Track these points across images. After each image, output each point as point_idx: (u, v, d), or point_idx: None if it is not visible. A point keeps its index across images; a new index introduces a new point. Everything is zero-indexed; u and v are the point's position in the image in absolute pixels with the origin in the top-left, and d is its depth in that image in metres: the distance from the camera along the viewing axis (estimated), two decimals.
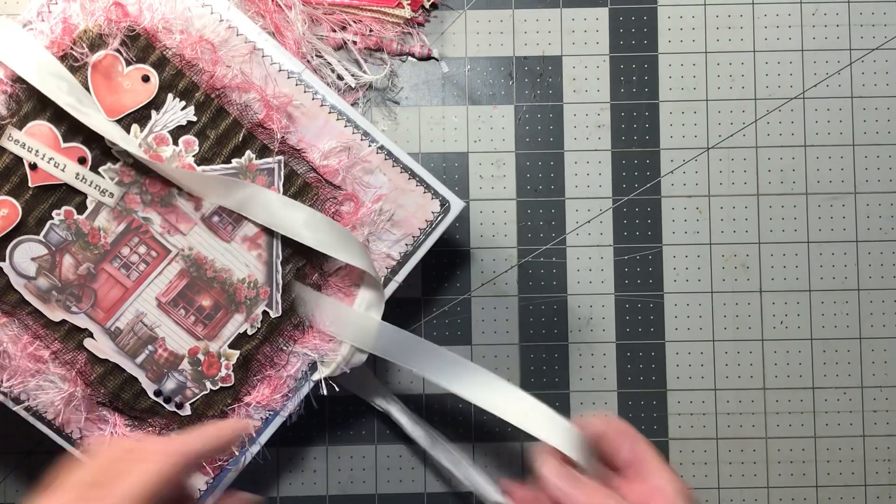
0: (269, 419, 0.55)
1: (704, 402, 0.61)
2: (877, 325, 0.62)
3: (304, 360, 0.55)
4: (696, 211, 0.62)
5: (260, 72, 0.54)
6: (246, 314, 0.54)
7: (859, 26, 0.62)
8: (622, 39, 0.62)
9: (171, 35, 0.52)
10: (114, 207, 0.53)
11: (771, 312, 0.62)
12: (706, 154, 0.62)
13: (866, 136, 0.62)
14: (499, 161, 0.62)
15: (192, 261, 0.54)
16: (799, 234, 0.62)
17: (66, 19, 0.51)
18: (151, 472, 0.40)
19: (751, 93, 0.62)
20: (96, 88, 0.52)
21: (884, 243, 0.62)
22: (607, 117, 0.62)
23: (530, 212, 0.61)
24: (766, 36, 0.62)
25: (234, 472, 0.55)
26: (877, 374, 0.61)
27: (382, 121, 0.61)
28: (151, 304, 0.54)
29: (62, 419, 0.53)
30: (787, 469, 0.61)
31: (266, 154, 0.54)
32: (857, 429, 0.61)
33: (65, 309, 0.53)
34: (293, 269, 0.55)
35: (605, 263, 0.61)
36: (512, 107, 0.62)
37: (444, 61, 0.62)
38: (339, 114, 0.55)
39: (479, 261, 0.61)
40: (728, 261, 0.62)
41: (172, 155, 0.53)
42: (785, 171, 0.62)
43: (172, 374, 0.54)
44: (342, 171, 0.55)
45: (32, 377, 0.53)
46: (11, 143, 0.51)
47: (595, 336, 0.61)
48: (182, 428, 0.55)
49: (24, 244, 0.53)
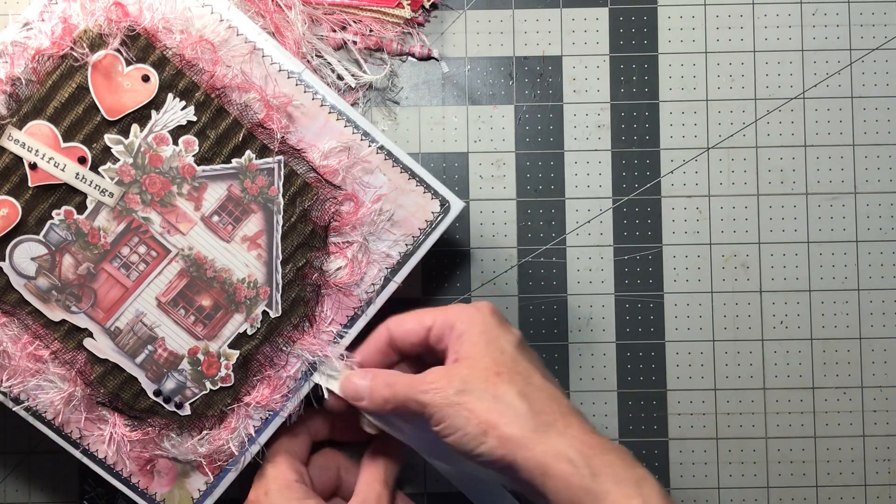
0: (269, 419, 0.55)
1: (704, 402, 0.61)
2: (877, 325, 0.62)
3: (303, 360, 0.55)
4: (696, 211, 0.62)
5: (260, 72, 0.54)
6: (246, 314, 0.54)
7: (859, 26, 0.62)
8: (622, 39, 0.62)
9: (172, 35, 0.52)
10: (114, 207, 0.53)
11: (771, 312, 0.62)
12: (706, 154, 0.62)
13: (866, 136, 0.62)
14: (499, 161, 0.62)
15: (192, 260, 0.54)
16: (799, 234, 0.62)
17: (66, 19, 0.51)
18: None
19: (751, 93, 0.62)
20: (96, 88, 0.52)
21: (884, 243, 0.62)
22: (607, 117, 0.62)
23: (530, 212, 0.61)
24: (766, 36, 0.62)
25: (234, 472, 0.55)
26: (877, 374, 0.61)
27: (382, 121, 0.61)
28: (151, 304, 0.54)
29: (62, 419, 0.53)
30: (787, 469, 0.61)
31: (266, 154, 0.54)
32: (857, 429, 0.61)
33: (65, 309, 0.53)
34: (293, 269, 0.55)
35: (605, 263, 0.61)
36: (512, 107, 0.62)
37: (444, 61, 0.62)
38: (339, 114, 0.55)
39: (479, 261, 0.61)
40: (728, 261, 0.62)
41: (172, 155, 0.53)
42: (785, 171, 0.62)
43: (172, 374, 0.54)
44: (342, 171, 0.55)
45: (32, 377, 0.53)
46: (11, 142, 0.51)
47: (595, 336, 0.61)
48: (182, 428, 0.55)
49: (24, 244, 0.53)
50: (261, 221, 0.54)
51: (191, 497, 0.55)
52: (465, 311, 0.52)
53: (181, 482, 0.55)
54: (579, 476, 0.45)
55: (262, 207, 0.54)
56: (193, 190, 0.53)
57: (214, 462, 0.55)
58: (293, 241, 0.54)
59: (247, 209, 0.54)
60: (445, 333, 0.52)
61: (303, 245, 0.55)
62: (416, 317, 0.53)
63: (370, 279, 0.56)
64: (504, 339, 0.50)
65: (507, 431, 0.46)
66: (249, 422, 0.55)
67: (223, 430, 0.55)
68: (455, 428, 0.48)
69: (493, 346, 0.50)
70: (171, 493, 0.55)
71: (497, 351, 0.50)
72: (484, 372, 0.48)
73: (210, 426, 0.55)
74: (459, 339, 0.51)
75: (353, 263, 0.55)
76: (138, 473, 0.55)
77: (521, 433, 0.46)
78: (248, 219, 0.54)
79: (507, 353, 0.50)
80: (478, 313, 0.51)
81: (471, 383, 0.48)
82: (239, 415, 0.55)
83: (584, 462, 0.45)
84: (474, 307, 0.52)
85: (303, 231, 0.54)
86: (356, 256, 0.55)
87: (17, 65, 0.51)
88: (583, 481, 0.45)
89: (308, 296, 0.55)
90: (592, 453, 0.46)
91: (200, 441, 0.54)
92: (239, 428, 0.55)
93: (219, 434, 0.55)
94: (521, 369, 0.49)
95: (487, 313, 0.51)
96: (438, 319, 0.52)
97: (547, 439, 0.46)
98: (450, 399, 0.48)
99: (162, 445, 0.54)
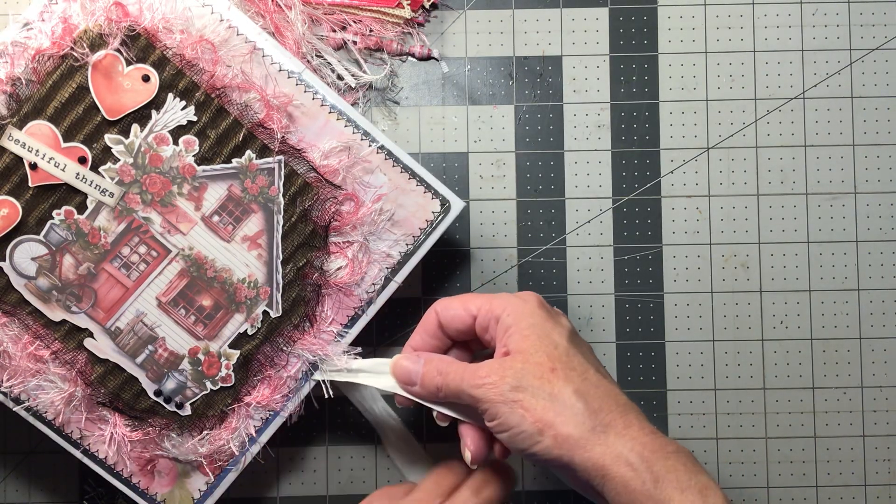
0: (269, 419, 0.55)
1: (704, 402, 0.61)
2: (877, 325, 0.62)
3: (304, 360, 0.55)
4: (696, 211, 0.62)
5: (260, 72, 0.54)
6: (246, 314, 0.54)
7: (859, 26, 0.62)
8: (622, 39, 0.62)
9: (172, 35, 0.52)
10: (114, 207, 0.53)
11: (771, 312, 0.62)
12: (706, 154, 0.62)
13: (866, 136, 0.62)
14: (499, 161, 0.62)
15: (193, 260, 0.54)
16: (799, 234, 0.62)
17: (66, 19, 0.51)
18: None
19: (751, 93, 0.62)
20: (96, 88, 0.52)
21: (884, 243, 0.62)
22: (607, 117, 0.62)
23: (530, 212, 0.61)
24: (766, 36, 0.62)
25: (235, 472, 0.55)
26: (877, 374, 0.61)
27: (382, 121, 0.61)
28: (152, 304, 0.54)
29: (62, 419, 0.53)
30: (787, 469, 0.61)
31: (266, 154, 0.54)
32: (857, 429, 0.61)
33: (65, 309, 0.53)
34: (294, 269, 0.55)
35: (605, 263, 0.61)
36: (512, 107, 0.62)
37: (444, 61, 0.62)
38: (339, 114, 0.55)
39: (479, 261, 0.61)
40: (728, 261, 0.62)
41: (173, 154, 0.53)
42: (785, 171, 0.62)
43: (172, 374, 0.54)
44: (342, 170, 0.55)
45: (32, 377, 0.53)
46: (12, 142, 0.51)
47: (595, 336, 0.61)
48: (182, 428, 0.55)
49: (24, 244, 0.53)
50: (261, 221, 0.54)
51: (191, 497, 0.55)
52: (511, 301, 0.50)
53: (182, 482, 0.55)
54: (640, 481, 0.44)
55: (263, 207, 0.54)
56: (194, 190, 0.53)
57: (215, 462, 0.55)
58: (294, 240, 0.54)
59: (247, 209, 0.54)
60: (490, 324, 0.50)
61: (303, 245, 0.55)
62: (462, 301, 0.51)
63: (371, 279, 0.56)
64: (556, 332, 0.49)
65: (564, 431, 0.45)
66: (250, 422, 0.55)
67: (224, 430, 0.55)
68: (509, 425, 0.46)
69: (546, 341, 0.48)
70: (172, 494, 0.55)
71: (550, 345, 0.48)
72: (538, 368, 0.47)
73: (210, 426, 0.55)
74: (507, 332, 0.49)
75: (353, 263, 0.55)
76: (139, 473, 0.55)
77: (578, 433, 0.45)
78: (248, 219, 0.54)
79: (560, 347, 0.48)
80: (525, 305, 0.49)
81: (525, 380, 0.47)
82: (239, 415, 0.55)
83: (646, 466, 0.44)
84: (520, 298, 0.50)
85: (303, 231, 0.54)
86: (356, 256, 0.55)
87: (17, 65, 0.51)
88: (644, 486, 0.44)
89: (308, 296, 0.55)
90: (654, 457, 0.45)
91: (201, 441, 0.54)
92: (240, 428, 0.55)
93: (219, 434, 0.55)
94: (576, 364, 0.48)
95: (535, 305, 0.50)
96: (483, 308, 0.50)
97: (605, 440, 0.45)
98: (504, 396, 0.46)
99: (162, 445, 0.54)
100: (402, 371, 0.51)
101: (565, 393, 0.46)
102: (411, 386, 0.51)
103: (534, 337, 0.48)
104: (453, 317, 0.51)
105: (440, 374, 0.50)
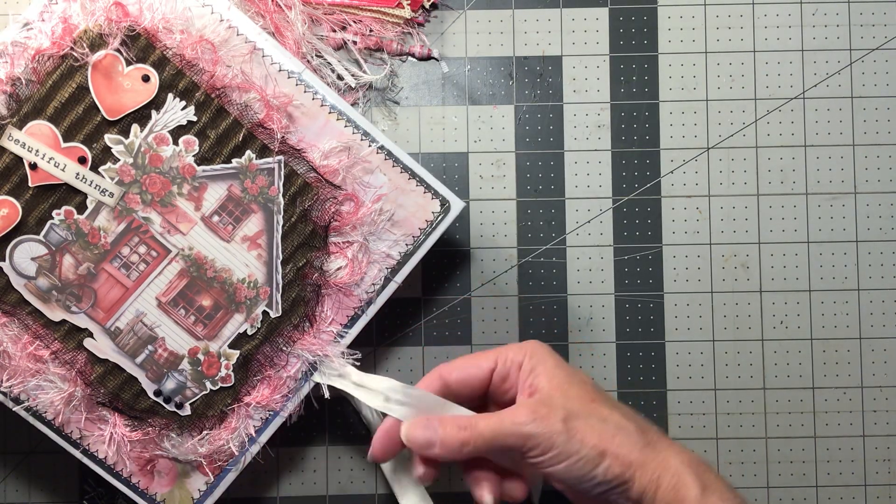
0: (269, 419, 0.55)
1: (704, 402, 0.61)
2: (877, 325, 0.62)
3: (304, 360, 0.55)
4: (696, 211, 0.62)
5: (260, 72, 0.54)
6: (246, 314, 0.54)
7: (859, 26, 0.62)
8: (622, 39, 0.62)
9: (172, 35, 0.52)
10: (114, 207, 0.53)
11: (771, 312, 0.62)
12: (706, 154, 0.62)
13: (866, 136, 0.62)
14: (499, 161, 0.62)
15: (192, 260, 0.54)
16: (799, 234, 0.62)
17: (66, 19, 0.51)
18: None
19: (751, 93, 0.62)
20: (96, 88, 0.52)
21: (884, 243, 0.62)
22: (607, 117, 0.62)
23: (530, 212, 0.61)
24: (766, 36, 0.62)
25: (234, 472, 0.55)
26: (877, 374, 0.61)
27: (382, 121, 0.61)
28: (151, 304, 0.54)
29: (62, 419, 0.53)
30: (787, 469, 0.61)
31: (266, 154, 0.54)
32: (857, 429, 0.61)
33: (65, 309, 0.53)
34: (293, 269, 0.55)
35: (605, 263, 0.61)
36: (512, 107, 0.62)
37: (444, 61, 0.62)
38: (339, 114, 0.55)
39: (479, 261, 0.61)
40: (728, 261, 0.62)
41: (172, 155, 0.53)
42: (785, 171, 0.62)
43: (172, 374, 0.54)
44: (342, 170, 0.55)
45: (32, 377, 0.53)
46: (11, 142, 0.51)
47: (595, 336, 0.61)
48: (182, 428, 0.55)
49: (24, 244, 0.53)
50: (261, 221, 0.54)
51: (191, 497, 0.55)
52: (528, 346, 0.52)
53: (181, 482, 0.55)
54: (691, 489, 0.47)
55: (263, 207, 0.54)
56: (193, 190, 0.53)
57: (215, 462, 0.55)
58: (293, 241, 0.54)
59: (247, 209, 0.54)
60: (512, 371, 0.51)
61: (303, 245, 0.55)
62: (472, 361, 0.52)
63: (370, 279, 0.56)
64: (577, 372, 0.51)
65: (623, 451, 0.47)
66: (250, 422, 0.55)
67: (223, 430, 0.55)
68: (569, 454, 0.47)
69: (575, 377, 0.50)
70: (172, 494, 0.55)
71: (580, 380, 0.50)
72: (579, 399, 0.49)
73: (210, 426, 0.55)
74: (533, 373, 0.50)
75: (353, 263, 0.55)
76: (138, 473, 0.55)
77: (635, 451, 0.47)
78: (248, 219, 0.54)
79: (588, 382, 0.51)
80: (542, 348, 0.51)
81: (573, 409, 0.48)
82: (239, 415, 0.55)
83: (695, 476, 0.47)
84: (532, 343, 0.52)
85: (303, 231, 0.54)
86: (356, 256, 0.55)
87: (17, 65, 0.51)
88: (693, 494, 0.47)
89: (308, 296, 0.55)
90: (700, 468, 0.48)
91: (201, 441, 0.54)
92: (239, 428, 0.55)
93: (219, 434, 0.55)
94: (608, 397, 0.50)
95: (549, 348, 0.52)
96: (500, 358, 0.52)
97: (656, 455, 0.48)
98: (557, 427, 0.47)
99: (162, 445, 0.54)
100: (417, 440, 0.50)
101: (614, 416, 0.48)
102: (430, 449, 0.50)
103: (563, 374, 0.50)
104: (467, 377, 0.52)
105: (464, 430, 0.49)
